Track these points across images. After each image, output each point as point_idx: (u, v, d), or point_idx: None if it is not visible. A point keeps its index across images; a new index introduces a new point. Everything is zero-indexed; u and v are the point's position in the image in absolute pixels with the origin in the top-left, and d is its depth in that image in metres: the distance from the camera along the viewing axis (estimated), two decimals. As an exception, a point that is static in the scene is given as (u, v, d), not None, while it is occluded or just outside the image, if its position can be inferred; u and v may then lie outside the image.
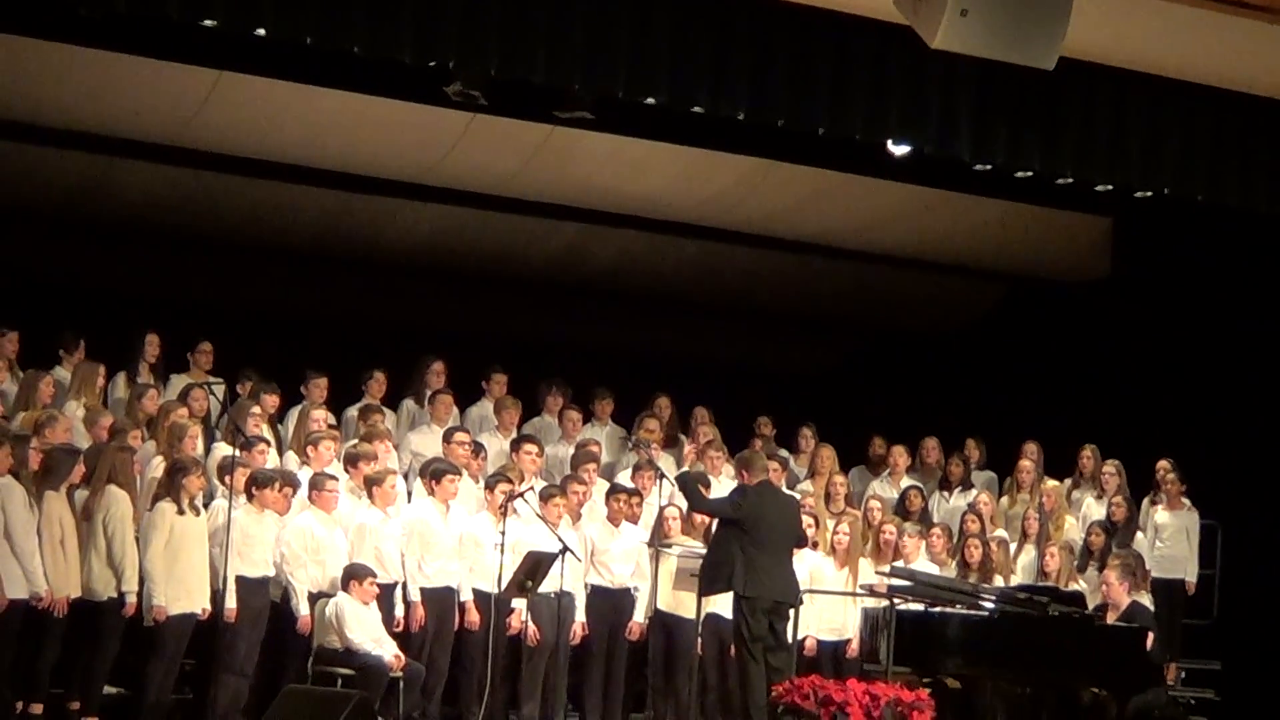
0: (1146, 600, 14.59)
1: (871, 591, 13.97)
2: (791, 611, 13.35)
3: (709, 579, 13.32)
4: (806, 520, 14.34)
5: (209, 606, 12.77)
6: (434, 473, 13.66)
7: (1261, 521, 16.16)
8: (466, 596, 13.63)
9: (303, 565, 13.10)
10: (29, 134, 14.67)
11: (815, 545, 14.58)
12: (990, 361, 18.19)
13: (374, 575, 13.06)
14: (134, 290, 15.93)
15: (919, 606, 13.62)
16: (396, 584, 13.41)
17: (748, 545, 13.09)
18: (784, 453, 15.89)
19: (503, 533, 13.45)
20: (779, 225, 17.01)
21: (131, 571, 12.54)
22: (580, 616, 14.00)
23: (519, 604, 13.58)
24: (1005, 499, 15.99)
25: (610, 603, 14.15)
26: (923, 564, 14.64)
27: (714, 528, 13.72)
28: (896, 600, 13.47)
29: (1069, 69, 12.39)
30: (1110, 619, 13.99)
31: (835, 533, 14.66)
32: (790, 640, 13.42)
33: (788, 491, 14.58)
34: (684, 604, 14.04)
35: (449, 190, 16.11)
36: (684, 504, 14.37)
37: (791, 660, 13.32)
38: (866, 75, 12.77)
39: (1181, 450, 15.84)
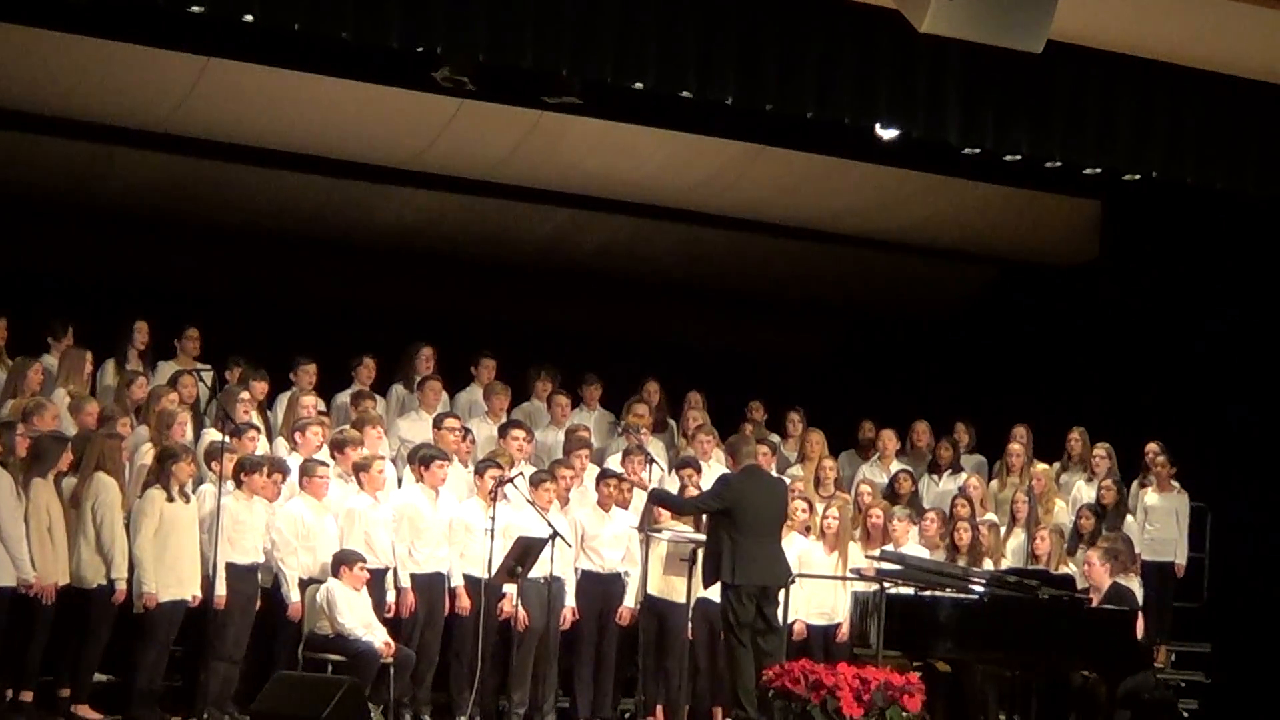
0: (1135, 583, 14.61)
1: (861, 575, 13.97)
2: (781, 595, 13.33)
3: (706, 571, 13.28)
4: (801, 505, 14.36)
5: (199, 593, 12.76)
6: (423, 458, 13.65)
7: (1251, 504, 16.19)
8: (457, 582, 13.63)
9: (293, 552, 13.10)
10: (16, 121, 14.65)
11: (808, 530, 14.59)
12: (979, 345, 18.20)
13: (364, 561, 13.06)
14: (122, 277, 15.90)
15: (909, 590, 13.62)
16: (387, 570, 13.40)
17: (734, 532, 13.04)
18: (774, 437, 15.89)
19: (493, 518, 13.44)
20: (768, 210, 17.01)
21: (121, 559, 12.53)
22: (570, 601, 14.00)
23: (509, 589, 13.58)
24: (995, 482, 15.99)
25: (601, 588, 14.15)
26: (912, 548, 14.65)
27: (705, 519, 13.70)
28: (886, 584, 13.47)
29: (1057, 52, 12.41)
30: (1094, 601, 13.99)
31: (825, 517, 14.67)
32: (780, 624, 13.41)
33: (775, 475, 14.57)
34: (674, 589, 14.05)
35: (437, 176, 16.10)
36: (675, 488, 14.38)
37: (782, 644, 13.32)
38: (855, 59, 12.77)
39: (1170, 433, 15.87)
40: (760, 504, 13.18)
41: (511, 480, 13.65)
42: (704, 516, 13.78)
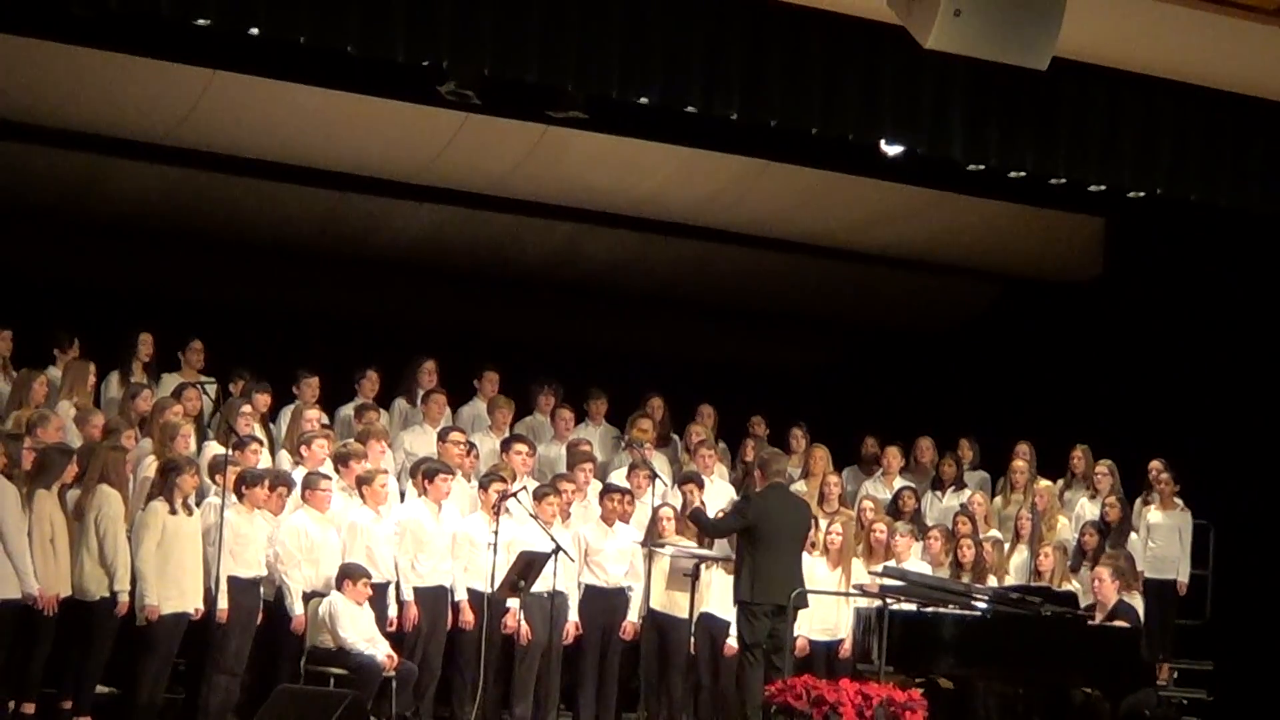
0: (1138, 601, 14.60)
1: (864, 591, 13.96)
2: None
3: (734, 590, 13.36)
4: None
5: (201, 606, 12.75)
6: (426, 472, 13.65)
7: (1254, 521, 16.17)
8: (460, 596, 13.62)
9: (297, 565, 13.09)
10: (23, 133, 14.66)
11: (812, 546, 14.57)
12: (983, 361, 18.19)
13: (368, 576, 13.04)
14: (127, 289, 15.92)
15: (912, 607, 13.61)
16: (388, 584, 13.39)
17: (755, 549, 13.10)
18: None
19: (496, 532, 13.43)
20: (772, 225, 17.01)
21: (124, 571, 12.52)
22: (574, 616, 13.99)
23: (512, 603, 13.57)
24: (998, 499, 15.98)
25: (604, 602, 14.15)
26: (915, 564, 14.64)
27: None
28: (889, 600, 13.46)
29: (1062, 69, 12.40)
30: (1098, 618, 13.98)
31: (828, 533, 14.66)
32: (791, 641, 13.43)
33: (799, 495, 14.54)
34: (677, 603, 14.05)
35: (442, 189, 16.11)
36: (678, 503, 14.39)
37: (790, 660, 13.31)
38: (860, 75, 12.78)
39: (1174, 450, 15.85)
40: (781, 521, 13.22)
41: (515, 494, 13.65)
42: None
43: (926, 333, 18.84)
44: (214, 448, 13.55)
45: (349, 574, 12.98)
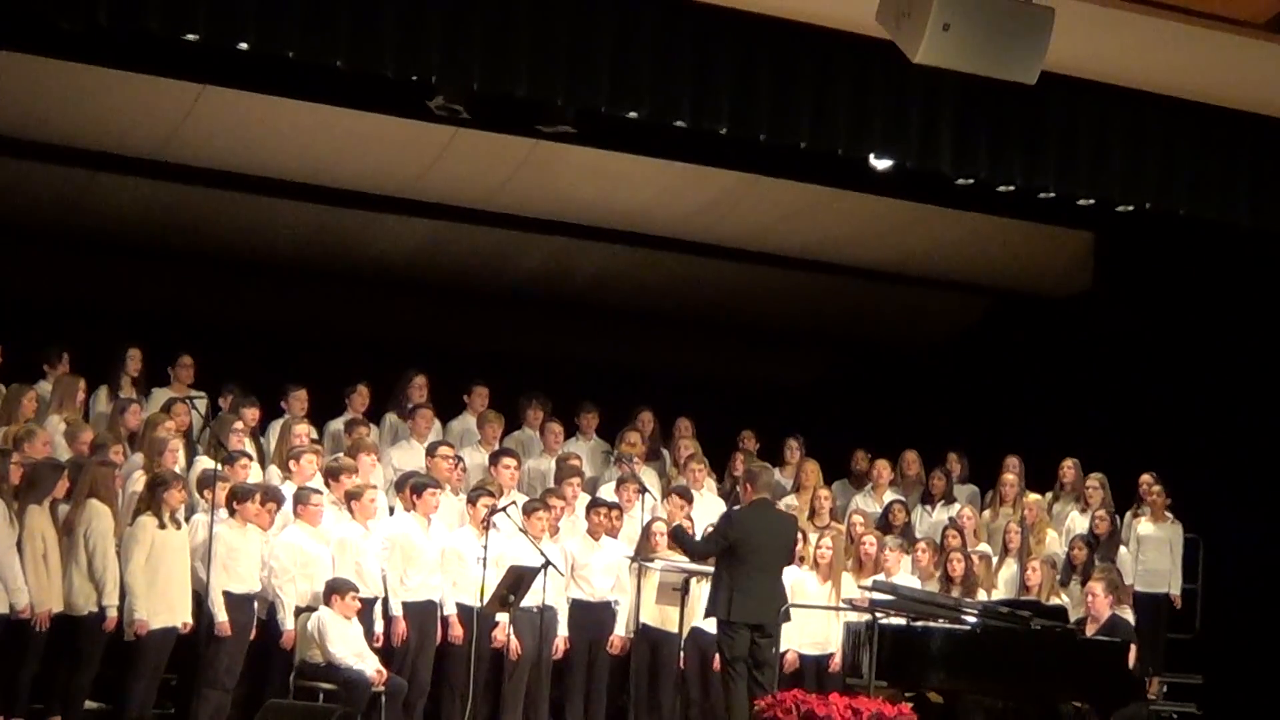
0: (1128, 614, 14.60)
1: (854, 605, 13.95)
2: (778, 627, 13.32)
3: (709, 603, 13.31)
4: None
5: (190, 620, 12.74)
6: (415, 487, 13.64)
7: (1243, 535, 16.18)
8: (449, 611, 13.61)
9: (291, 579, 13.08)
10: (11, 148, 14.65)
11: (801, 560, 14.56)
12: (972, 375, 18.21)
13: (356, 590, 13.03)
14: (116, 304, 15.91)
15: (901, 620, 13.61)
16: (377, 599, 13.38)
17: (734, 567, 13.02)
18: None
19: (485, 547, 13.43)
20: (761, 239, 17.02)
21: (112, 586, 12.50)
22: (563, 631, 13.99)
23: (501, 618, 13.56)
24: (987, 513, 15.98)
25: (590, 616, 14.14)
26: (904, 578, 14.64)
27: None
28: (879, 614, 13.46)
29: (1051, 83, 12.41)
30: (1090, 631, 14.00)
31: (818, 547, 14.65)
32: (775, 657, 13.38)
33: (784, 510, 14.50)
34: (668, 618, 14.04)
35: (432, 204, 16.11)
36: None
37: (775, 676, 13.29)
38: (848, 90, 12.80)
39: (1163, 464, 15.86)
40: (764, 540, 13.15)
41: (504, 509, 13.64)
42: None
43: (916, 347, 18.86)
44: (204, 462, 13.54)
45: (336, 589, 12.97)
